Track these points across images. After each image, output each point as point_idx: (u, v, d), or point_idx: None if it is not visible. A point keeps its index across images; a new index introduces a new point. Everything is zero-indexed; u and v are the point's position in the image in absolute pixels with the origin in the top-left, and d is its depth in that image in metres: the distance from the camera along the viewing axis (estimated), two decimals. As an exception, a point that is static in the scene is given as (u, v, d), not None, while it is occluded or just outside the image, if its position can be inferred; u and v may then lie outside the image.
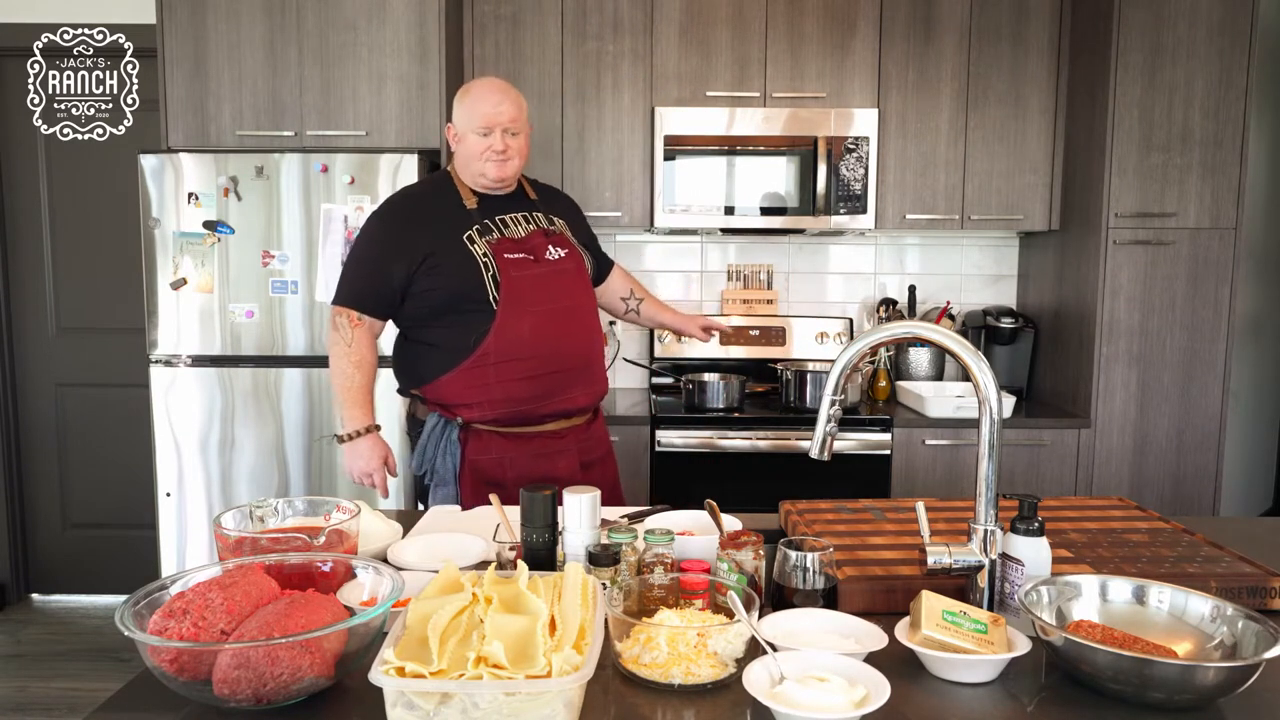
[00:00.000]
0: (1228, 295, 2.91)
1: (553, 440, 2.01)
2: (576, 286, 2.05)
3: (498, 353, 1.92)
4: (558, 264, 2.02)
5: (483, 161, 1.99)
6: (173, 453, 2.81)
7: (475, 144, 1.98)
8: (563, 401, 1.99)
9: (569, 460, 2.02)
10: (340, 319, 2.01)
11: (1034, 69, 3.09)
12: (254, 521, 1.34)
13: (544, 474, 1.96)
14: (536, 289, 1.96)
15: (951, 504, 1.64)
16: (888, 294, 3.53)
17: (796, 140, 3.05)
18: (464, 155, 2.02)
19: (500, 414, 1.95)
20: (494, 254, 1.95)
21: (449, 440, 1.98)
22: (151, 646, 0.94)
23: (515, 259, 1.96)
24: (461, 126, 2.00)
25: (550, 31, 3.07)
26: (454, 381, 1.95)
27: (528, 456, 1.98)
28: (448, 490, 1.98)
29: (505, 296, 1.92)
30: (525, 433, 1.99)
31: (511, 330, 1.93)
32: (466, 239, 1.96)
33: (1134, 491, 2.96)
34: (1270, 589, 1.26)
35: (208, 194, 2.74)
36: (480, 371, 1.93)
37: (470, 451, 1.97)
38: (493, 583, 1.07)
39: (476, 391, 1.94)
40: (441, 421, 1.99)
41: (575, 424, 2.05)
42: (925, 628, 1.06)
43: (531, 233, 2.02)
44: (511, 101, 2.01)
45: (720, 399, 2.99)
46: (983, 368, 1.19)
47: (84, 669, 3.07)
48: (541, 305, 1.96)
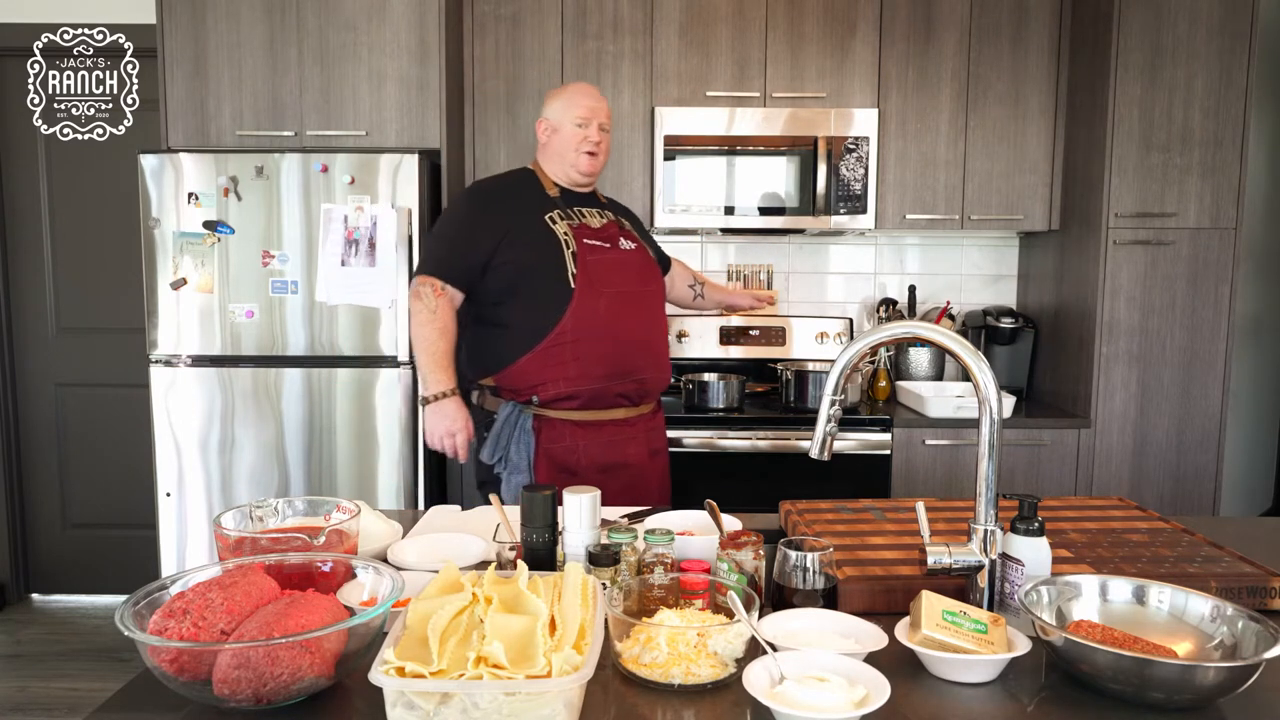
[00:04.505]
0: (1228, 295, 2.91)
1: (623, 428, 2.10)
2: (646, 274, 2.17)
3: (575, 330, 2.01)
4: (629, 253, 2.14)
5: (577, 152, 2.12)
6: (173, 453, 2.82)
7: (571, 134, 2.12)
8: (633, 383, 2.08)
9: (638, 447, 2.12)
10: (424, 288, 2.07)
11: (1034, 69, 3.09)
12: (254, 521, 1.34)
13: (616, 460, 2.06)
14: (612, 272, 2.07)
15: (951, 504, 1.64)
16: (888, 294, 3.53)
17: (796, 140, 3.05)
18: (557, 146, 2.14)
19: (576, 389, 2.02)
20: (574, 235, 2.06)
21: (523, 429, 2.04)
22: (151, 646, 0.94)
23: (593, 244, 2.08)
24: (557, 117, 2.14)
25: (550, 31, 3.07)
26: (531, 362, 2.03)
27: (599, 444, 2.06)
28: (521, 478, 2.04)
29: (583, 276, 2.02)
30: (597, 420, 2.06)
31: (589, 309, 2.02)
32: (548, 218, 2.07)
33: (1134, 491, 2.96)
34: (1270, 589, 1.26)
35: (208, 194, 2.74)
36: (558, 350, 2.01)
37: (544, 440, 2.04)
38: (493, 583, 1.07)
39: (554, 370, 2.02)
40: (515, 410, 2.05)
41: (642, 412, 2.14)
42: (925, 628, 1.06)
43: (606, 224, 2.15)
44: (606, 103, 2.20)
45: (720, 399, 2.99)
46: (983, 368, 1.19)
47: (84, 669, 3.07)
48: (616, 287, 2.06)
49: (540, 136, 2.18)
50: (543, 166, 2.19)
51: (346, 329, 2.77)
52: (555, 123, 2.15)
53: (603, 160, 2.18)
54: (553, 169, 2.17)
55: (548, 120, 2.17)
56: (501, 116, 3.09)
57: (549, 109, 2.17)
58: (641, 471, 2.13)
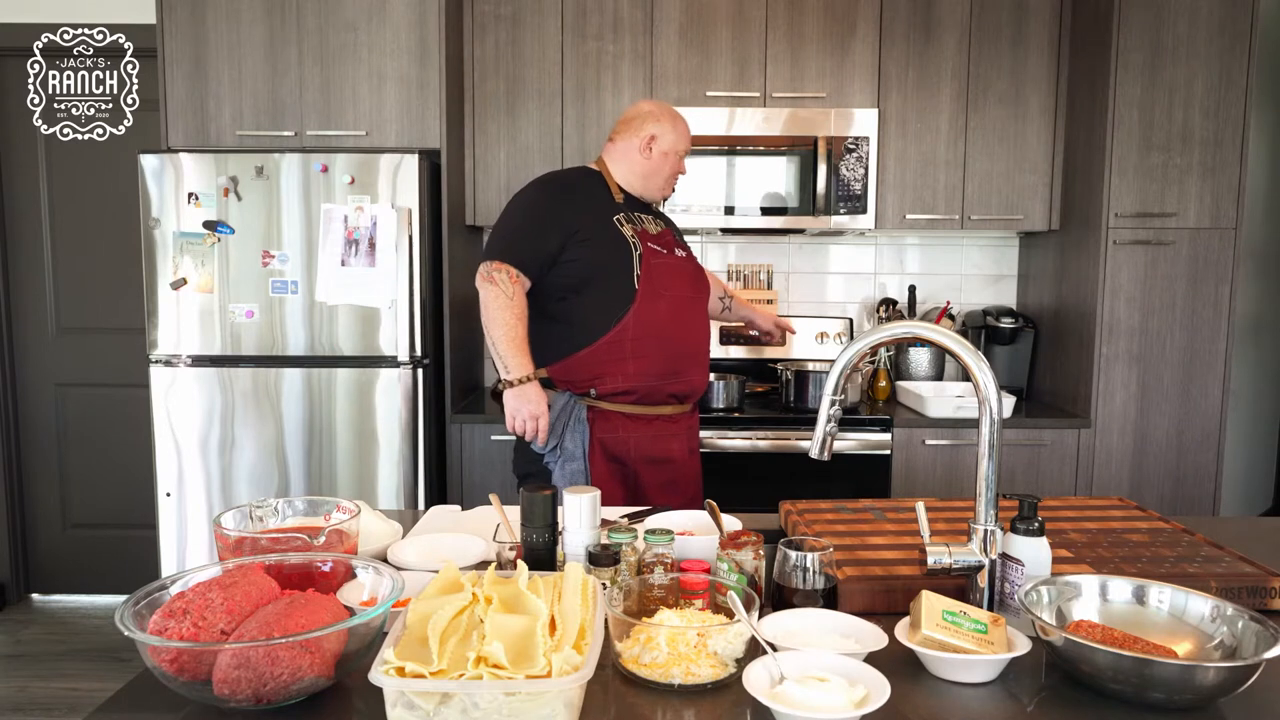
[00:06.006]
0: (1228, 295, 2.91)
1: (669, 424, 2.17)
2: (697, 282, 2.25)
3: (636, 329, 2.07)
4: (683, 260, 2.23)
5: (668, 181, 2.24)
6: (173, 453, 2.82)
7: (675, 164, 2.22)
8: (683, 383, 2.16)
9: (681, 443, 2.20)
10: (500, 274, 2.08)
11: (1034, 69, 3.09)
12: (254, 521, 1.34)
13: (662, 453, 2.14)
14: (670, 277, 2.14)
15: (951, 504, 1.64)
16: (888, 294, 3.53)
17: (796, 140, 3.05)
18: (655, 166, 2.21)
19: (633, 385, 2.09)
20: (640, 240, 2.12)
21: (578, 419, 2.09)
22: (151, 646, 0.94)
23: (655, 249, 2.15)
24: (669, 145, 2.21)
25: (550, 31, 3.07)
26: (590, 356, 2.08)
27: (648, 437, 2.13)
28: (576, 465, 2.08)
29: (646, 279, 2.09)
30: (646, 414, 2.13)
31: (650, 310, 2.08)
32: (616, 221, 2.13)
33: (1134, 491, 2.96)
34: (1270, 589, 1.26)
35: (208, 194, 2.74)
36: (618, 346, 2.07)
37: (598, 430, 2.10)
38: (493, 583, 1.07)
39: (614, 365, 2.08)
40: (571, 400, 2.09)
41: (684, 410, 2.21)
42: (925, 628, 1.06)
43: (663, 231, 2.22)
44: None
45: (720, 399, 2.99)
46: (983, 368, 1.19)
47: (84, 669, 3.07)
48: (674, 292, 2.14)
49: (639, 149, 2.19)
50: (611, 170, 2.22)
51: (346, 329, 2.77)
52: (667, 148, 2.20)
53: None
54: (626, 177, 2.21)
55: (660, 141, 2.19)
56: (501, 116, 3.09)
57: (661, 129, 2.19)
58: (683, 467, 2.21)
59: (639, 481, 2.12)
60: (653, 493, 2.12)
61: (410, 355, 2.77)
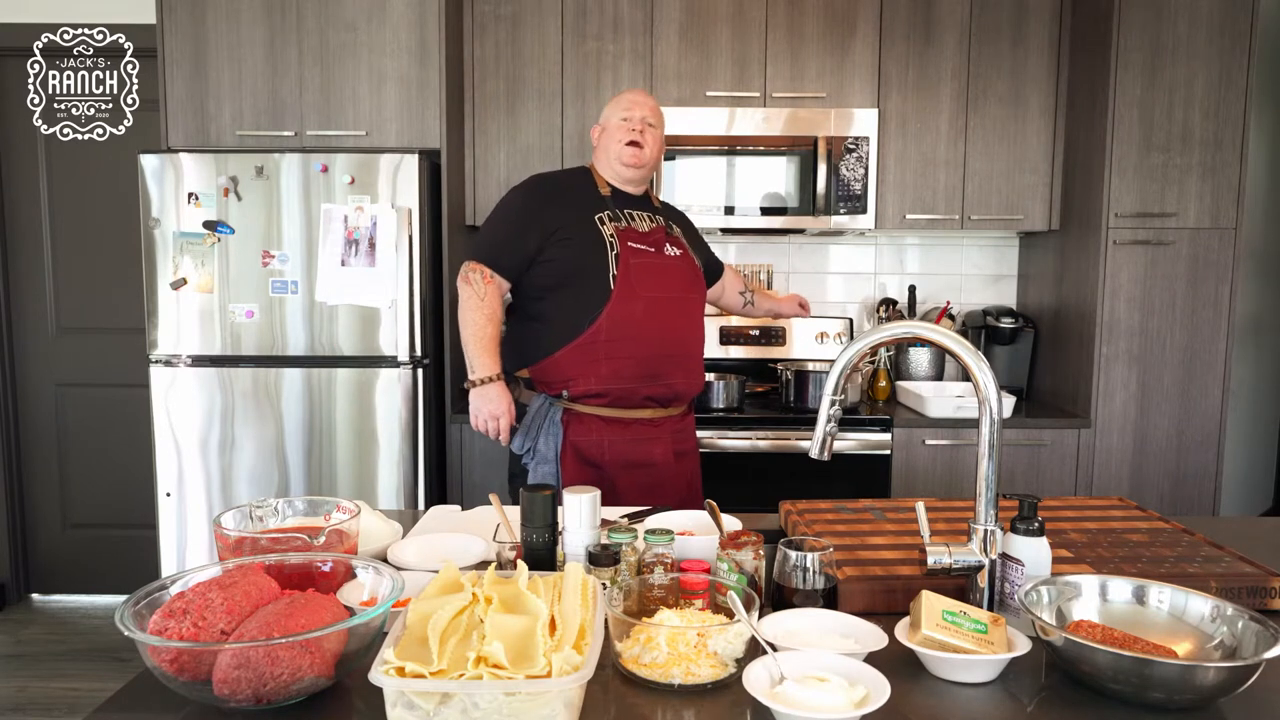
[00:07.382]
0: (1228, 295, 2.91)
1: (649, 428, 2.13)
2: (687, 281, 2.19)
3: (609, 331, 2.04)
4: (673, 259, 2.17)
5: (620, 143, 2.15)
6: (173, 453, 2.81)
7: (616, 128, 2.17)
8: (662, 387, 2.11)
9: (664, 447, 2.15)
10: (475, 274, 2.11)
11: (1034, 69, 3.09)
12: (254, 521, 1.34)
13: (641, 457, 2.10)
14: (652, 277, 2.10)
15: (951, 504, 1.64)
16: (888, 294, 3.53)
17: (796, 140, 3.05)
18: (605, 144, 2.20)
19: (606, 388, 2.06)
20: (619, 238, 2.09)
21: (552, 421, 2.09)
22: (151, 646, 0.94)
23: (637, 248, 2.11)
24: (606, 116, 2.21)
25: (550, 31, 3.07)
26: (564, 358, 2.06)
27: (625, 441, 2.10)
28: (548, 468, 2.08)
29: (622, 278, 2.06)
30: (624, 418, 2.10)
31: (624, 311, 2.05)
32: (598, 219, 2.11)
33: (1134, 491, 2.96)
34: (1270, 589, 1.26)
35: (208, 194, 2.74)
36: (591, 348, 2.05)
37: (572, 433, 2.08)
38: (493, 583, 1.07)
39: (585, 367, 2.06)
40: (546, 403, 2.10)
41: (670, 414, 2.17)
42: (925, 628, 1.06)
43: (654, 229, 2.18)
44: (655, 102, 2.24)
45: (720, 399, 2.99)
46: (983, 368, 1.19)
47: (84, 669, 3.07)
48: (654, 293, 2.09)
49: (594, 140, 2.25)
50: (596, 168, 2.24)
51: (346, 329, 2.77)
52: (604, 121, 2.21)
53: (650, 155, 2.18)
54: (604, 168, 2.22)
55: (599, 122, 2.24)
56: (501, 116, 3.09)
57: (603, 114, 2.24)
58: (666, 472, 2.16)
59: (615, 486, 2.08)
60: (630, 498, 2.07)
61: (410, 355, 2.77)
